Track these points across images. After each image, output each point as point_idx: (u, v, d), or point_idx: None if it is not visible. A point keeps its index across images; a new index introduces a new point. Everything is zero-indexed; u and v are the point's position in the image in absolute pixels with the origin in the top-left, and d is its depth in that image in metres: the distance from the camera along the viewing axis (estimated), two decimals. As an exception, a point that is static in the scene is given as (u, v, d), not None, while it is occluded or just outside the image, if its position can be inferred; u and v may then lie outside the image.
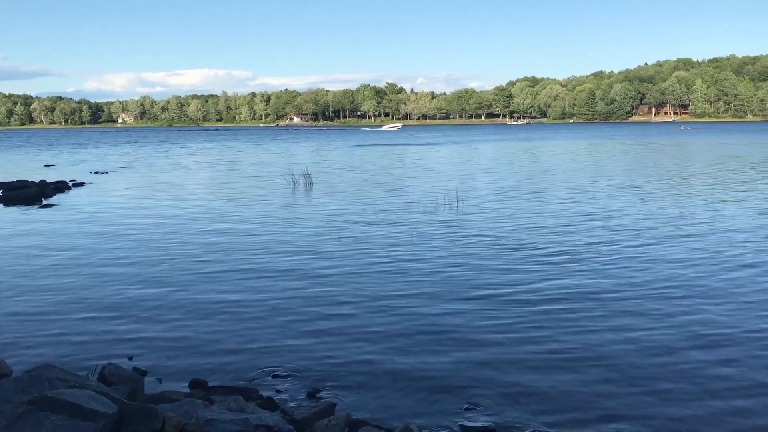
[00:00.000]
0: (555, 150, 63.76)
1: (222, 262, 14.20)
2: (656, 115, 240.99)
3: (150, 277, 13.02)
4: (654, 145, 69.82)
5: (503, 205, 22.83)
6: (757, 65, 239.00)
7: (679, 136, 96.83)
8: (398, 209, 21.89)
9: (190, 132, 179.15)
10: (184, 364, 8.40)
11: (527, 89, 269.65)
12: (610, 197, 24.58)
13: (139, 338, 9.40)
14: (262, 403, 6.79)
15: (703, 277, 12.35)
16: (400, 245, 15.63)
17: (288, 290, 11.78)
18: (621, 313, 10.20)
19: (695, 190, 26.80)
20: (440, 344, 8.90)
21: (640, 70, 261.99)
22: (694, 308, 10.39)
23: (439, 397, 7.27)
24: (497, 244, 15.62)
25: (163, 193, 28.45)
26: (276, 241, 16.58)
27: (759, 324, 9.60)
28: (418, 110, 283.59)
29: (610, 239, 16.11)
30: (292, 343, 9.05)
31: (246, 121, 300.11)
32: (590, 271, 12.90)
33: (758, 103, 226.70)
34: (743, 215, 19.65)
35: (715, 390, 7.35)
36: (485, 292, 11.43)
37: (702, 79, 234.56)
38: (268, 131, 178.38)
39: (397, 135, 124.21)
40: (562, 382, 7.59)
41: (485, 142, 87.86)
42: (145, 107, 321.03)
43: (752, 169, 36.46)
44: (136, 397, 6.22)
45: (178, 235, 17.63)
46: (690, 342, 8.88)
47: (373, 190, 28.53)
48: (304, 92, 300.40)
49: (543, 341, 8.95)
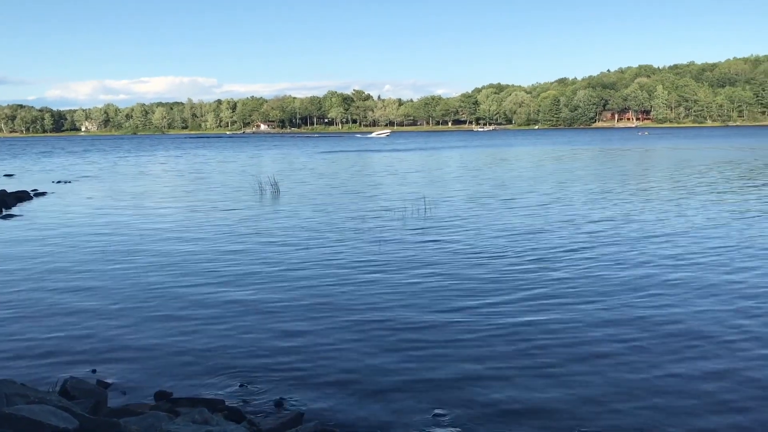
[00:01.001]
0: (522, 156, 64.39)
1: (187, 273, 14.02)
2: (619, 121, 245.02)
3: (113, 288, 12.80)
4: (617, 151, 70.91)
5: (472, 211, 22.94)
6: (716, 72, 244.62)
7: (640, 142, 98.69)
8: (366, 216, 21.87)
9: (156, 140, 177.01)
10: (149, 376, 8.27)
11: (493, 96, 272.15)
12: (578, 202, 24.87)
13: (103, 350, 9.23)
14: (229, 414, 6.71)
15: (685, 280, 12.56)
16: (367, 253, 15.61)
17: (255, 301, 11.67)
18: (597, 321, 10.30)
19: (663, 193, 27.28)
20: (409, 353, 8.89)
21: (603, 77, 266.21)
22: (677, 314, 10.53)
23: (407, 404, 7.26)
24: (465, 251, 15.69)
25: (127, 203, 28.04)
26: (242, 250, 16.43)
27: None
28: (386, 117, 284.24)
29: (580, 245, 16.29)
30: (259, 353, 8.96)
31: (212, 128, 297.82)
32: (562, 278, 13.02)
33: (717, 108, 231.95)
34: (714, 216, 20.04)
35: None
36: (453, 302, 11.46)
37: (663, 85, 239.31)
38: (236, 139, 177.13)
39: (377, 141, 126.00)
40: (533, 389, 7.63)
41: (466, 148, 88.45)
42: (109, 115, 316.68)
43: (711, 171, 37.27)
44: (98, 411, 6.09)
45: (141, 245, 17.38)
46: (670, 349, 9.00)
47: (340, 197, 28.48)
48: (271, 99, 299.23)
49: (512, 349, 9.00)
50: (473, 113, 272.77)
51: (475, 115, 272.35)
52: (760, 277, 12.63)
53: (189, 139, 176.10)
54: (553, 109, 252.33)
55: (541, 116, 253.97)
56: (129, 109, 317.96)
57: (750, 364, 8.18)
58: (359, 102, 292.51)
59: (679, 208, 22.45)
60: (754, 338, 9.17)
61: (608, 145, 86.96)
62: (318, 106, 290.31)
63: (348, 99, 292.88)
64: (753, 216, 20.45)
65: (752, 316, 10.14)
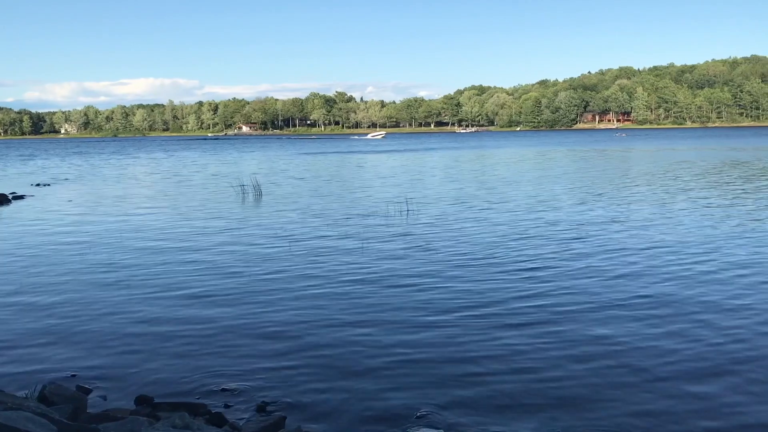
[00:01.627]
0: (505, 157, 64.70)
1: (167, 276, 13.91)
2: (600, 122, 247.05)
3: (92, 292, 12.66)
4: (590, 152, 71.45)
5: (456, 213, 23.00)
6: (695, 73, 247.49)
7: (615, 143, 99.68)
8: (349, 219, 21.86)
9: (136, 142, 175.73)
10: (130, 380, 8.19)
11: (475, 98, 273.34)
12: (563, 205, 25.01)
13: (83, 355, 9.12)
14: (210, 418, 6.66)
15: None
16: (350, 257, 15.59)
17: (237, 304, 11.60)
18: (584, 319, 10.36)
19: (649, 194, 27.53)
20: (392, 355, 8.87)
21: (584, 79, 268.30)
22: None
23: (390, 406, 7.25)
24: (449, 254, 15.71)
25: (107, 206, 27.79)
26: (223, 253, 16.34)
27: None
28: (368, 119, 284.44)
29: (565, 248, 16.38)
30: (241, 357, 8.90)
31: (193, 130, 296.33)
32: (549, 281, 13.09)
33: (696, 110, 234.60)
34: (695, 216, 20.24)
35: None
36: (437, 303, 11.47)
37: (643, 87, 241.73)
38: (220, 141, 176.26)
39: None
40: (514, 390, 7.65)
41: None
42: (89, 117, 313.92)
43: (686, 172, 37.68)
44: (77, 417, 6.02)
45: (121, 248, 17.22)
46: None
47: (323, 199, 28.43)
48: (253, 101, 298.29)
49: (494, 350, 9.01)
50: (456, 115, 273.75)
51: (457, 116, 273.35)
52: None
53: (170, 142, 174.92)
54: (534, 110, 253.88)
55: (523, 118, 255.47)
56: (109, 111, 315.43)
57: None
58: (342, 104, 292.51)
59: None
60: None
61: (581, 146, 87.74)
62: (300, 107, 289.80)
63: (330, 101, 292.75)
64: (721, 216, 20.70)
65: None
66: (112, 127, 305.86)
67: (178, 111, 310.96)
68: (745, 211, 21.76)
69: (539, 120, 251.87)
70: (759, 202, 24.14)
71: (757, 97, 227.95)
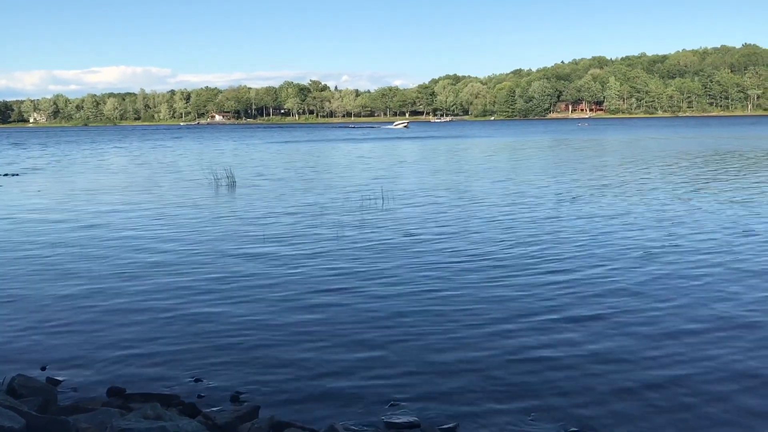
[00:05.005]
0: (479, 147, 64.97)
1: (139, 268, 13.72)
2: (573, 112, 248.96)
3: (63, 282, 12.49)
4: (556, 141, 72.08)
5: (431, 202, 23.07)
6: (666, 63, 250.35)
7: (575, 133, 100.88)
8: (324, 208, 21.81)
9: (107, 131, 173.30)
10: (102, 372, 8.11)
11: (449, 87, 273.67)
12: (530, 195, 25.20)
13: (53, 347, 9.01)
14: (184, 408, 6.63)
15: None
16: (324, 246, 15.57)
17: (210, 293, 11.53)
18: (553, 307, 10.46)
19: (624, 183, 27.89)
20: (365, 344, 8.90)
21: (558, 68, 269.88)
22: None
23: (364, 394, 7.27)
24: (422, 243, 15.77)
25: (78, 196, 27.38)
26: (195, 242, 16.21)
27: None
28: (343, 108, 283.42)
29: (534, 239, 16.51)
30: (214, 347, 8.85)
31: (165, 119, 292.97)
32: (509, 263, 13.20)
33: (667, 99, 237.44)
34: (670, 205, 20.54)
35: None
36: (411, 293, 11.51)
37: (615, 76, 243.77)
38: (193, 129, 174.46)
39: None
40: (487, 378, 7.71)
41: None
42: (58, 106, 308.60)
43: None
44: (47, 410, 5.95)
45: (91, 238, 17.00)
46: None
47: (298, 188, 28.33)
48: (226, 90, 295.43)
49: (467, 338, 9.07)
50: (430, 104, 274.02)
51: (432, 106, 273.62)
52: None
53: (142, 131, 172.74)
54: (508, 100, 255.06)
55: (497, 107, 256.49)
56: (79, 99, 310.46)
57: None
58: (316, 92, 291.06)
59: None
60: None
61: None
62: (274, 96, 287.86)
63: (304, 89, 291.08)
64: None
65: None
66: (82, 116, 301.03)
67: (150, 100, 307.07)
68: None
69: (513, 109, 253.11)
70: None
71: (726, 87, 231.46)
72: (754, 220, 17.83)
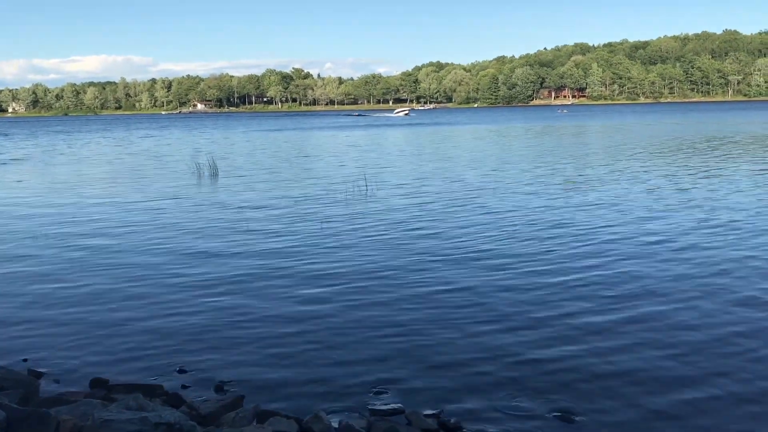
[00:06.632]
0: (465, 135, 65.08)
1: (121, 257, 13.63)
2: (556, 99, 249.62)
3: (45, 272, 12.39)
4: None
5: (415, 191, 23.10)
6: (648, 49, 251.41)
7: (553, 120, 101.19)
8: (308, 198, 21.77)
9: (88, 121, 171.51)
10: (85, 362, 8.06)
11: (433, 74, 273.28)
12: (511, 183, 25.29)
13: (34, 338, 8.93)
14: (168, 399, 6.60)
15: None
16: (308, 236, 15.55)
17: (192, 284, 11.47)
18: (536, 292, 10.53)
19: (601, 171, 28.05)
20: (346, 331, 8.91)
21: (540, 55, 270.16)
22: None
23: (347, 383, 7.29)
24: (406, 231, 15.79)
25: (59, 187, 27.12)
26: (179, 232, 16.12)
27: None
28: (326, 96, 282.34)
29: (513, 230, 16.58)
30: (199, 337, 8.82)
31: (147, 108, 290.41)
32: (495, 249, 13.25)
33: (649, 85, 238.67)
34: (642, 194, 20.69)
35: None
36: (391, 276, 11.53)
37: (597, 63, 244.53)
38: (175, 118, 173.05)
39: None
40: (472, 367, 7.74)
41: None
42: (37, 96, 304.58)
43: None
44: (29, 402, 5.90)
45: (73, 228, 16.85)
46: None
47: (282, 177, 28.24)
48: (208, 78, 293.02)
49: (451, 326, 9.10)
50: (414, 92, 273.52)
51: (415, 93, 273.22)
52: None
53: (123, 120, 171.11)
54: (491, 87, 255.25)
55: (481, 94, 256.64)
56: (59, 89, 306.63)
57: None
58: (299, 80, 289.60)
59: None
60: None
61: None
62: (257, 84, 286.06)
63: (287, 77, 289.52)
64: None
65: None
66: (62, 105, 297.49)
67: (130, 88, 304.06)
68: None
69: (496, 96, 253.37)
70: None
71: (707, 73, 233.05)
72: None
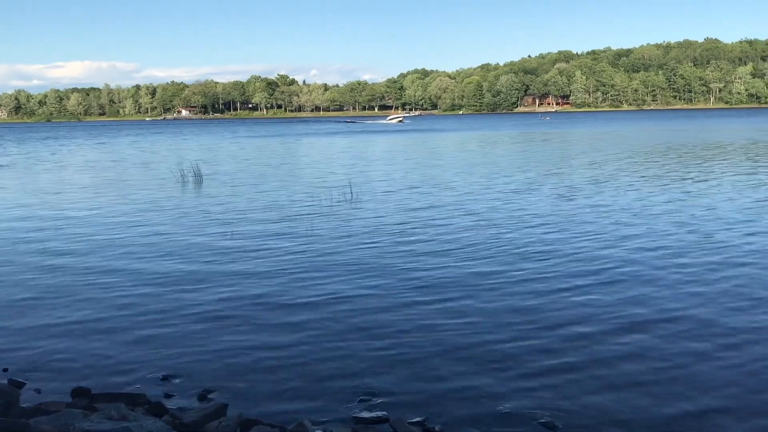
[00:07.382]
0: (449, 142, 65.25)
1: (103, 266, 13.49)
2: (540, 106, 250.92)
3: (26, 280, 12.26)
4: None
5: (401, 197, 23.11)
6: (631, 57, 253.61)
7: (535, 127, 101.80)
8: (293, 204, 21.72)
9: (71, 127, 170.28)
10: (66, 372, 7.97)
11: (418, 81, 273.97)
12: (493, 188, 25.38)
13: (15, 348, 8.82)
14: (150, 408, 6.54)
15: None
16: (293, 241, 15.51)
17: (177, 291, 11.39)
18: (522, 302, 10.55)
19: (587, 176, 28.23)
20: (331, 339, 8.88)
21: (525, 62, 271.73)
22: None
23: (332, 391, 7.26)
24: (392, 236, 15.78)
25: (41, 194, 26.87)
26: (161, 239, 16.01)
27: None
28: (311, 102, 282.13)
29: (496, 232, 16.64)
30: (182, 346, 8.75)
31: (131, 114, 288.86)
32: (488, 257, 13.28)
33: (632, 93, 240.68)
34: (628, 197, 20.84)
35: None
36: (376, 283, 11.52)
37: (581, 70, 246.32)
38: (159, 125, 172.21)
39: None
40: (458, 374, 7.75)
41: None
42: (20, 101, 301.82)
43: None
44: (9, 412, 5.82)
45: (55, 236, 16.68)
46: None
47: (266, 183, 28.16)
48: (193, 84, 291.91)
49: (438, 334, 9.09)
50: (399, 98, 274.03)
51: (401, 100, 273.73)
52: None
53: (106, 127, 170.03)
54: (476, 94, 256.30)
55: (465, 101, 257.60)
56: (42, 95, 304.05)
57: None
58: (284, 87, 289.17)
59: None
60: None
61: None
62: (241, 90, 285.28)
63: (273, 84, 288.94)
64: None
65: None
66: (45, 111, 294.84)
67: (114, 95, 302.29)
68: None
69: (481, 103, 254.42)
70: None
71: (689, 80, 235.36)
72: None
